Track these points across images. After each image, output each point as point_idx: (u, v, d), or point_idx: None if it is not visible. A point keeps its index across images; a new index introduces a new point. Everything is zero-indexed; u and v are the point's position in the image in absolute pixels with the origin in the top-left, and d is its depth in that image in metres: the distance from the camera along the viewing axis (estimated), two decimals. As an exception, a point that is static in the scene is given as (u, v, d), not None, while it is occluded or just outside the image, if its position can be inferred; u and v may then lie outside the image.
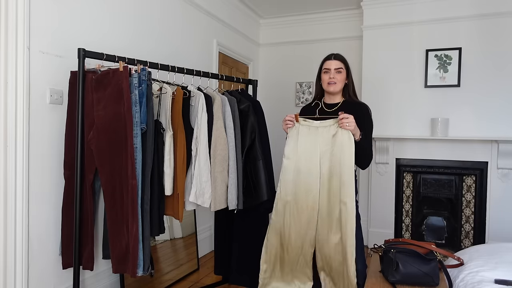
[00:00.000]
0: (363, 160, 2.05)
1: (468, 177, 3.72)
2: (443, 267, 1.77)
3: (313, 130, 2.03)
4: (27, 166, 2.00)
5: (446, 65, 3.70)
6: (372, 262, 1.99)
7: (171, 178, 2.13)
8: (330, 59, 2.12)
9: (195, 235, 3.25)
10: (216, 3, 3.75)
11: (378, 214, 3.96)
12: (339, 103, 2.14)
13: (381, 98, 3.94)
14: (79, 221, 2.03)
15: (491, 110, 3.57)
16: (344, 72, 2.12)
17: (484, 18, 3.58)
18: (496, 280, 1.67)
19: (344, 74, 2.12)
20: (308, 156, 2.01)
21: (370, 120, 2.11)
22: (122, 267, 1.99)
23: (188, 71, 2.41)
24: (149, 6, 2.88)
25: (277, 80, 4.77)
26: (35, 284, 2.07)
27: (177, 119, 2.17)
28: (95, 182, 2.11)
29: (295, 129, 2.06)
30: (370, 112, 2.13)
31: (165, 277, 2.84)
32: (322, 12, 4.46)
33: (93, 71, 2.05)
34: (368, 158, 2.07)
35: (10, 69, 1.93)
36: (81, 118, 2.00)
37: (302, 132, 2.04)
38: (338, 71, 2.10)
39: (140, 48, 2.75)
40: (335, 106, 2.13)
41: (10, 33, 1.93)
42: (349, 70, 2.16)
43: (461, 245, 3.73)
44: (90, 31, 2.35)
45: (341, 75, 2.11)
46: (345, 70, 2.12)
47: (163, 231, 2.19)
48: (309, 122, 2.04)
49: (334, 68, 2.10)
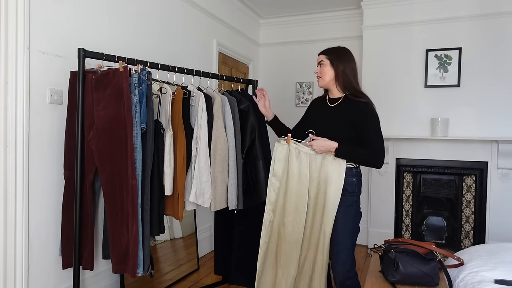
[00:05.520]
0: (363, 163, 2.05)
1: (468, 177, 3.72)
2: (443, 267, 1.77)
3: (302, 155, 2.04)
4: (27, 166, 2.00)
5: (446, 65, 3.70)
6: (372, 262, 1.99)
7: (171, 178, 2.13)
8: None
9: (195, 235, 3.25)
10: (216, 3, 3.75)
11: (378, 214, 3.96)
12: (340, 99, 2.08)
13: (381, 98, 3.92)
14: (79, 221, 2.03)
15: (491, 110, 3.57)
16: (326, 63, 2.06)
17: (484, 18, 3.57)
18: (496, 280, 1.67)
19: (327, 66, 2.06)
20: (299, 178, 2.03)
21: (373, 120, 1.99)
22: (122, 267, 1.99)
23: (188, 71, 2.41)
24: (149, 6, 2.87)
25: (277, 80, 4.77)
26: (35, 284, 2.07)
27: (177, 119, 2.17)
28: (95, 182, 2.11)
29: (285, 150, 2.06)
30: (374, 109, 2.02)
31: (165, 277, 2.84)
32: (322, 12, 4.46)
33: (93, 71, 2.05)
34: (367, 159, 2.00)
35: (10, 69, 1.93)
36: (81, 118, 2.00)
37: (292, 154, 2.05)
38: (320, 64, 2.09)
39: (140, 48, 2.75)
40: (336, 102, 2.08)
41: (10, 33, 1.93)
42: (337, 61, 2.05)
43: (461, 245, 3.73)
44: (90, 31, 2.35)
45: (323, 67, 2.07)
46: (329, 61, 2.06)
47: (163, 231, 2.19)
48: (299, 146, 2.05)
49: (317, 63, 2.11)
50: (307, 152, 2.03)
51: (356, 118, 1.98)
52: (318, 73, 2.11)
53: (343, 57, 2.07)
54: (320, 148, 1.97)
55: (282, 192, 2.07)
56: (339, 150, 1.96)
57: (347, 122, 2.00)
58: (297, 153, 2.04)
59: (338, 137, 1.98)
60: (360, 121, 1.98)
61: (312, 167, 2.03)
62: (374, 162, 1.99)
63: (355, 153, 1.99)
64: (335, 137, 1.98)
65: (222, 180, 2.33)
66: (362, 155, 1.99)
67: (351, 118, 1.99)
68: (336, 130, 2.03)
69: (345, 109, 2.03)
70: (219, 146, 2.31)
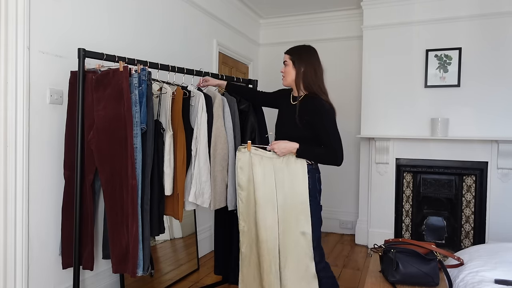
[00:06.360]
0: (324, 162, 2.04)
1: (468, 177, 3.72)
2: (443, 267, 1.77)
3: (265, 160, 2.02)
4: (27, 166, 2.00)
5: (446, 65, 3.70)
6: (372, 262, 1.99)
7: (171, 178, 2.13)
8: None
9: (195, 235, 3.25)
10: (216, 3, 3.75)
11: (378, 214, 3.96)
12: (299, 98, 2.08)
13: (381, 98, 3.94)
14: (79, 221, 2.03)
15: (491, 110, 3.57)
16: (289, 63, 2.10)
17: (484, 18, 3.57)
18: (496, 280, 1.67)
19: (289, 66, 2.10)
20: (264, 184, 2.00)
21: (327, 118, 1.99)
22: (122, 267, 2.00)
23: (188, 71, 2.41)
24: (149, 6, 2.88)
25: (277, 80, 4.75)
26: (35, 284, 2.07)
27: (177, 119, 2.18)
28: (95, 182, 2.11)
29: (247, 157, 2.04)
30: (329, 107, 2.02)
31: (165, 277, 2.84)
32: (322, 12, 4.46)
33: (93, 71, 2.05)
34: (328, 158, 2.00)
35: (10, 69, 1.93)
36: (81, 118, 2.00)
37: (255, 161, 2.02)
38: (284, 64, 2.13)
39: (140, 48, 2.75)
40: (296, 101, 2.10)
41: (10, 33, 1.93)
42: (299, 61, 2.07)
43: (461, 245, 3.73)
44: (90, 31, 2.35)
45: (286, 68, 2.11)
46: (291, 61, 2.09)
47: (163, 231, 2.19)
48: (261, 152, 2.03)
49: (283, 62, 2.14)
50: (270, 157, 2.02)
51: (311, 118, 2.00)
52: (282, 72, 2.15)
53: (306, 57, 2.08)
54: (281, 150, 1.97)
55: (250, 201, 2.05)
56: (300, 150, 1.97)
57: (304, 121, 2.01)
58: (260, 159, 2.03)
59: (296, 136, 2.00)
60: (316, 120, 1.99)
61: (276, 170, 2.02)
62: (334, 160, 1.99)
63: (315, 152, 2.01)
64: (293, 136, 2.01)
65: (221, 178, 2.33)
66: (321, 154, 2.00)
67: (307, 117, 2.01)
68: (294, 129, 2.04)
69: (302, 109, 2.03)
70: (219, 145, 2.31)
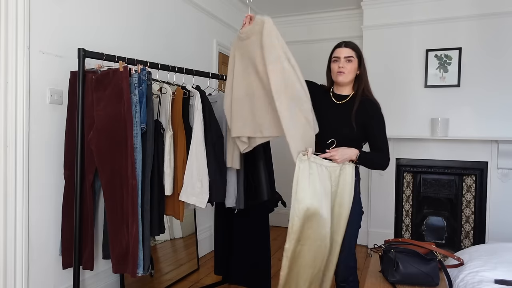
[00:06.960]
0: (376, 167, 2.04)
1: (468, 177, 3.72)
2: (443, 267, 1.77)
3: (324, 170, 1.85)
4: (27, 166, 2.00)
5: (446, 65, 3.70)
6: (372, 262, 1.99)
7: (171, 178, 2.13)
8: (341, 47, 1.93)
9: (195, 235, 3.25)
10: (216, 3, 3.75)
11: (378, 214, 3.96)
12: (348, 96, 1.97)
13: (381, 98, 3.90)
14: (79, 221, 2.03)
15: (491, 110, 3.57)
16: (355, 61, 1.92)
17: (484, 18, 3.57)
18: (496, 280, 1.67)
19: (355, 64, 1.93)
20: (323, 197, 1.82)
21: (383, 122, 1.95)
22: (122, 267, 1.99)
23: (188, 71, 2.41)
24: (149, 6, 2.87)
25: (277, 80, 4.76)
26: (35, 284, 2.07)
27: (177, 119, 2.18)
28: (95, 182, 2.10)
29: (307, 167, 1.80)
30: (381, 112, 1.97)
31: (165, 277, 2.84)
32: (322, 12, 4.46)
33: (93, 71, 2.05)
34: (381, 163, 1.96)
35: (10, 69, 1.93)
36: (81, 118, 2.00)
37: (313, 170, 1.81)
38: (348, 59, 1.91)
39: (140, 48, 2.75)
40: (344, 99, 1.98)
41: (10, 33, 1.92)
42: (362, 59, 1.96)
43: (461, 245, 3.73)
44: (90, 31, 2.35)
45: (352, 64, 1.92)
46: (357, 59, 1.93)
47: (163, 231, 2.19)
48: (319, 160, 1.84)
49: (344, 56, 1.90)
50: (329, 165, 1.85)
51: (368, 120, 1.91)
52: (343, 68, 1.91)
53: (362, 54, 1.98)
54: (342, 158, 1.83)
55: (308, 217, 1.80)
56: (361, 157, 1.87)
57: (358, 122, 1.91)
58: (319, 168, 1.82)
59: (351, 138, 1.91)
60: (373, 124, 1.92)
61: (333, 179, 1.86)
62: (385, 165, 1.95)
63: (372, 157, 1.94)
64: (348, 138, 1.91)
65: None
66: (376, 158, 1.95)
67: (362, 118, 1.91)
68: (349, 131, 1.92)
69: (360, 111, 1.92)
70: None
